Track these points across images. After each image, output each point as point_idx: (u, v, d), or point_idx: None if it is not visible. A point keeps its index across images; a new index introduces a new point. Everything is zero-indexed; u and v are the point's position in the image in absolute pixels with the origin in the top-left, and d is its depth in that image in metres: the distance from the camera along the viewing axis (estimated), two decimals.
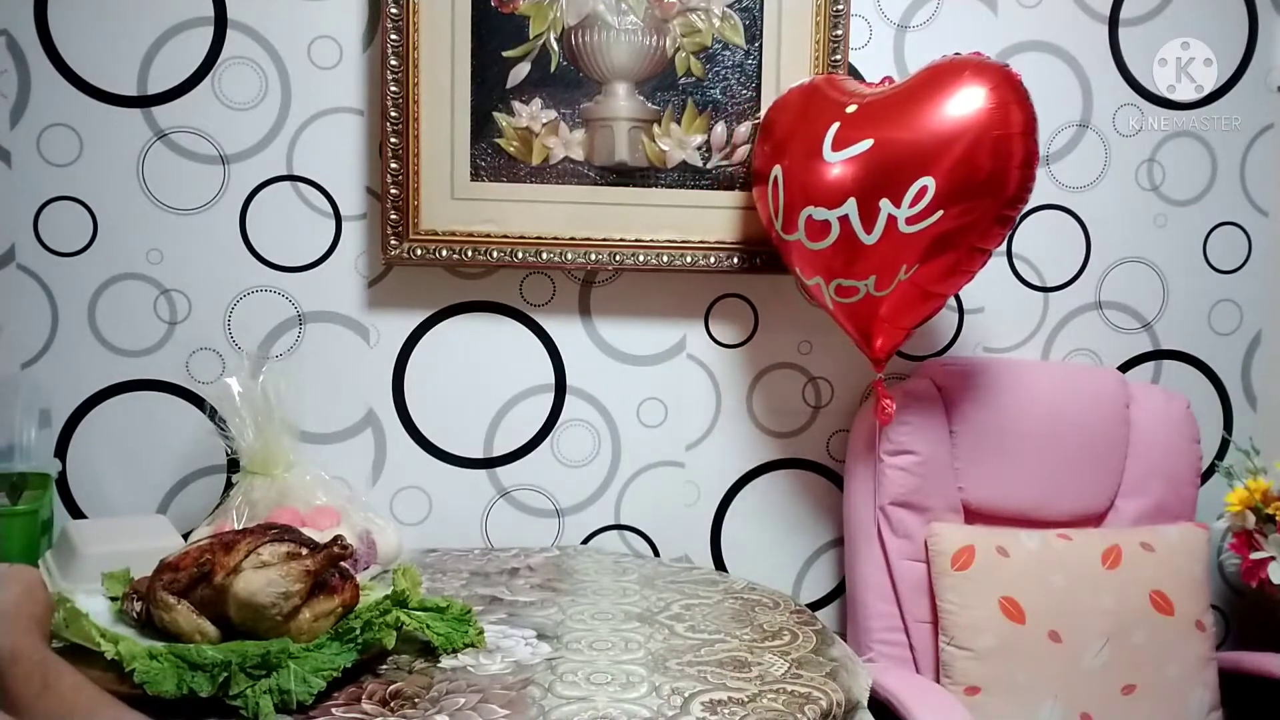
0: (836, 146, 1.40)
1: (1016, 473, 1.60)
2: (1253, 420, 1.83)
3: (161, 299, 1.58)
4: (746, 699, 1.07)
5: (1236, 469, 1.67)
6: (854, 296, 1.45)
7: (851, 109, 1.43)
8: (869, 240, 1.39)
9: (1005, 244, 1.74)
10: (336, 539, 1.09)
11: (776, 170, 1.48)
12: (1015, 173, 1.35)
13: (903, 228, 1.37)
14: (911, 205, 1.36)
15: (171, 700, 0.97)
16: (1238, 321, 1.82)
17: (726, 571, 1.69)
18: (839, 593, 1.75)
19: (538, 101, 1.58)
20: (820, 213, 1.41)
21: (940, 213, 1.36)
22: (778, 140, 1.51)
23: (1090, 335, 1.78)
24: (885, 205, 1.37)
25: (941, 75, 1.39)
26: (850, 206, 1.38)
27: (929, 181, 1.35)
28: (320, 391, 1.59)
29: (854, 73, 1.65)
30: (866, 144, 1.38)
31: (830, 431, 1.73)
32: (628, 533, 1.70)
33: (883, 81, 1.52)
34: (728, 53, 1.60)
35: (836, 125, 1.42)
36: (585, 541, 1.69)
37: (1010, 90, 1.35)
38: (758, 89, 1.60)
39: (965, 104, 1.34)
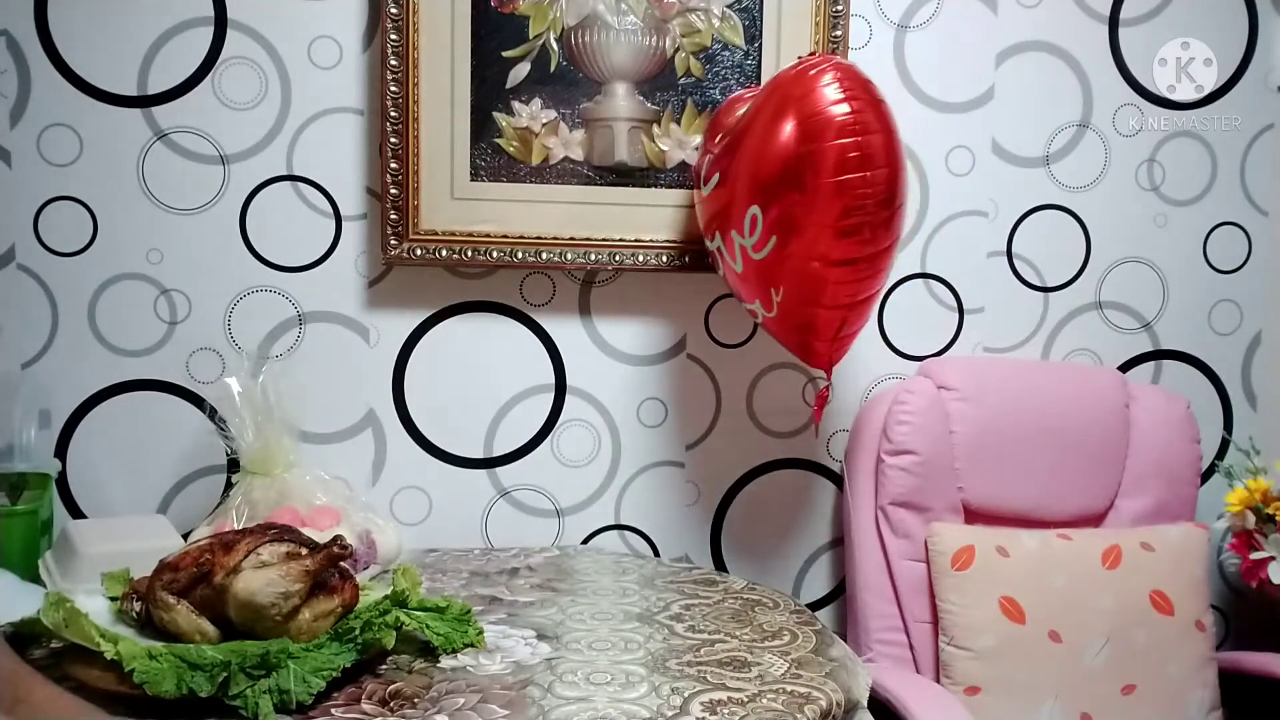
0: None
1: (1016, 473, 1.60)
2: (1253, 420, 1.83)
3: (161, 299, 1.58)
4: (746, 699, 1.07)
5: (1236, 469, 1.67)
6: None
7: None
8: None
9: (1005, 244, 1.74)
10: (336, 539, 1.09)
11: None
12: None
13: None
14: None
15: (171, 700, 0.96)
16: (1238, 321, 1.82)
17: (726, 571, 1.69)
18: (839, 593, 1.75)
19: (538, 101, 1.58)
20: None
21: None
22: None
23: (1090, 335, 1.78)
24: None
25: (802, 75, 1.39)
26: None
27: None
28: (320, 391, 1.59)
29: None
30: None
31: (830, 431, 1.73)
32: (628, 533, 1.70)
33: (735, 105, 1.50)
34: (727, 53, 1.60)
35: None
36: (585, 541, 1.69)
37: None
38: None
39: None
